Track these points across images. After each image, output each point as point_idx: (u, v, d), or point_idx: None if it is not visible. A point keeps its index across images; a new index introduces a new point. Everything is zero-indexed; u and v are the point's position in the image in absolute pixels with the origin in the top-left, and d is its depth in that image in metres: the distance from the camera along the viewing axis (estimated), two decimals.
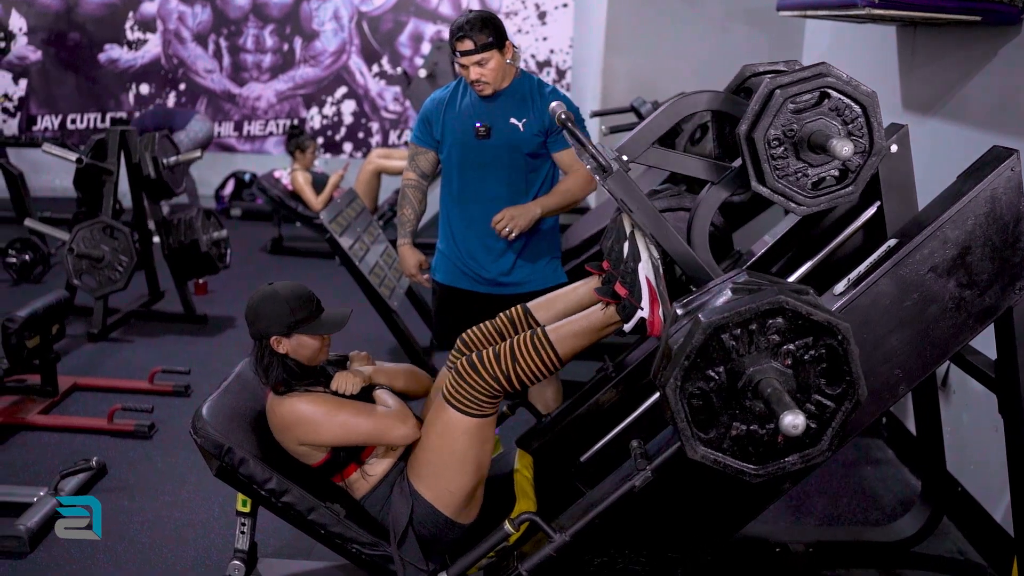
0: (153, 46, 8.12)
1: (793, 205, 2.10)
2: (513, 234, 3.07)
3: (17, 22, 8.03)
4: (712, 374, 1.79)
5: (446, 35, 7.81)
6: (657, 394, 2.71)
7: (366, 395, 2.44)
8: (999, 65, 3.04)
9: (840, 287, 2.21)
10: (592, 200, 5.57)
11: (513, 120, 3.11)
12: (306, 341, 2.33)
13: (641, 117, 4.54)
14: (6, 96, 8.02)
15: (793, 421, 1.63)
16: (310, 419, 2.29)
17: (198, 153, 5.05)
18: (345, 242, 4.03)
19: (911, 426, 3.55)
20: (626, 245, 2.44)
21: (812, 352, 1.79)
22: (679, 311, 1.95)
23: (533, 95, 3.13)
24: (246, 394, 2.51)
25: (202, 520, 3.01)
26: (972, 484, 3.11)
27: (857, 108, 2.05)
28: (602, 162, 2.12)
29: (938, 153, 3.30)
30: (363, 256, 4.17)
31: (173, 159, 4.90)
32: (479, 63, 2.99)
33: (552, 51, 7.96)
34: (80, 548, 2.83)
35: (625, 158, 2.24)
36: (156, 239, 5.22)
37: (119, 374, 4.25)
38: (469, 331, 2.58)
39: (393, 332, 4.27)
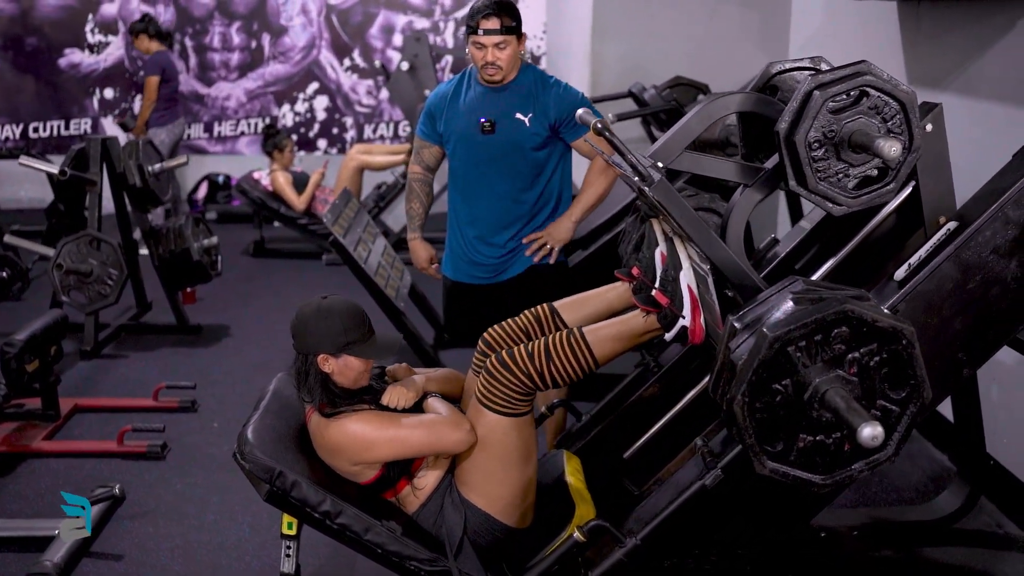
0: (115, 49, 7.88)
1: (833, 207, 2.09)
2: (555, 251, 3.13)
3: None
4: (778, 387, 1.78)
5: (418, 26, 7.68)
6: (700, 385, 2.68)
7: (417, 406, 2.37)
8: (1018, 38, 3.02)
9: (901, 273, 2.17)
10: None
11: (519, 115, 3.05)
12: (353, 363, 2.25)
13: (640, 103, 4.48)
14: None
15: (872, 433, 1.61)
16: (362, 439, 2.21)
17: (184, 159, 4.91)
18: (349, 244, 3.92)
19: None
20: (658, 252, 2.39)
21: (876, 358, 1.78)
22: (736, 324, 1.92)
23: (537, 89, 3.06)
24: (287, 412, 2.42)
25: (234, 543, 2.90)
26: (1006, 457, 3.11)
27: (896, 105, 2.03)
28: (642, 171, 2.06)
29: (952, 131, 3.27)
30: (367, 258, 4.06)
31: (158, 166, 4.74)
32: (499, 46, 2.94)
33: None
34: None
35: (660, 164, 2.19)
36: (143, 250, 5.05)
37: (119, 392, 4.12)
38: (492, 330, 2.51)
39: (398, 328, 4.16)
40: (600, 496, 2.58)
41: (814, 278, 2.45)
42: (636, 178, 2.10)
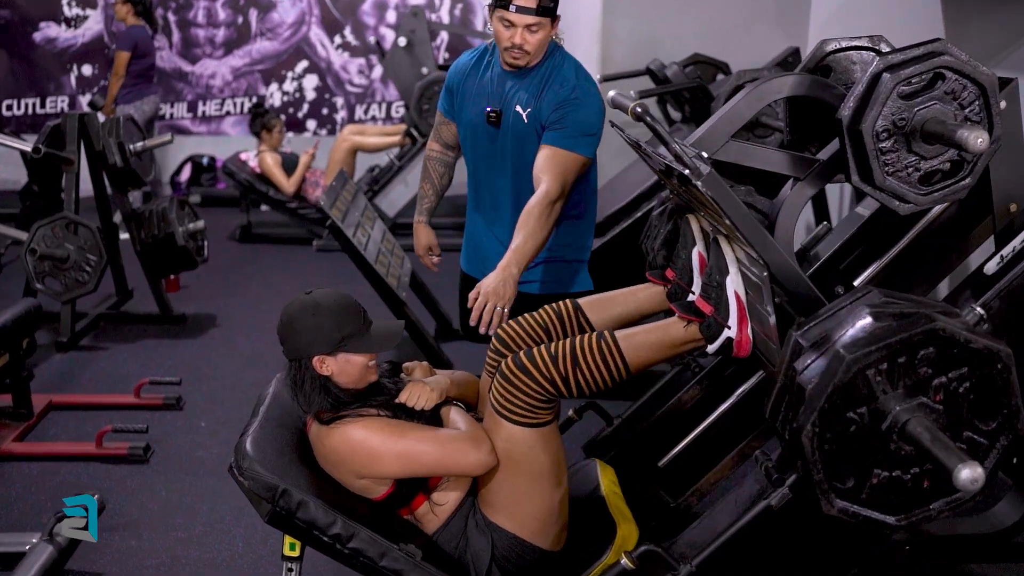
0: (94, 23, 7.51)
1: (901, 204, 1.86)
2: (505, 314, 2.29)
3: None
4: (853, 416, 1.57)
5: (413, 1, 7.35)
6: (744, 388, 2.43)
7: (435, 413, 2.09)
8: None
9: (992, 267, 1.93)
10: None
11: (518, 108, 2.65)
12: (354, 360, 1.99)
13: (658, 80, 4.20)
14: None
15: (971, 476, 1.40)
16: (367, 449, 1.96)
17: (168, 137, 4.59)
18: (348, 229, 3.63)
19: None
20: (695, 253, 2.13)
21: (966, 384, 1.57)
22: (802, 342, 1.68)
23: (548, 82, 2.64)
24: (289, 421, 2.15)
25: (226, 560, 2.62)
26: None
27: (975, 90, 1.80)
28: (688, 162, 1.80)
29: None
30: (366, 244, 3.78)
31: (140, 145, 4.43)
32: (530, 28, 2.52)
33: None
34: None
35: (705, 155, 1.93)
36: (124, 235, 4.74)
37: (98, 387, 3.81)
38: (508, 326, 2.24)
39: (398, 318, 3.88)
40: (631, 507, 2.33)
41: (864, 276, 2.22)
42: (680, 169, 1.83)
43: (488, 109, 2.70)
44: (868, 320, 1.60)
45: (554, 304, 2.27)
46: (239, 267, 5.68)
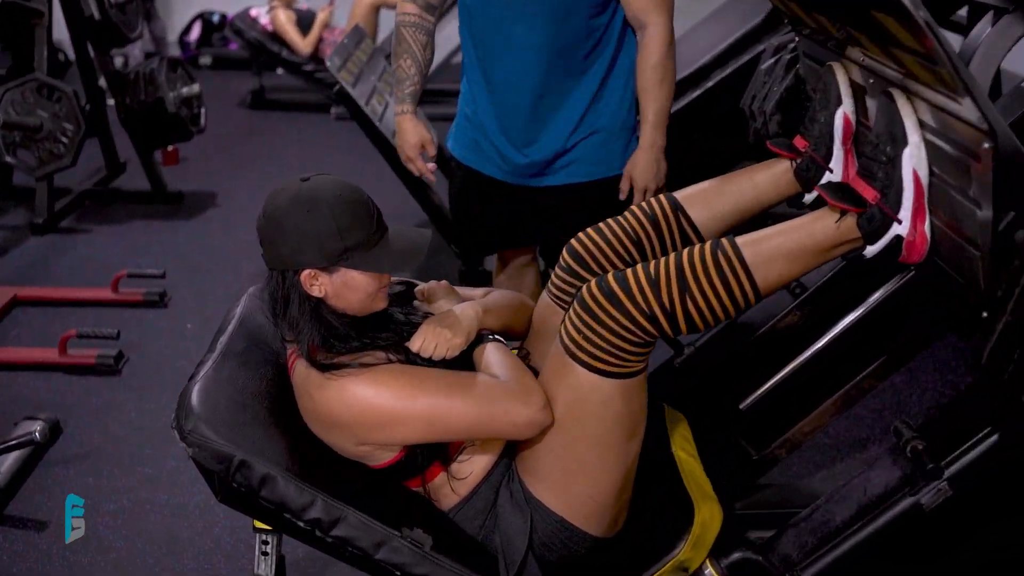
0: None
1: None
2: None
3: None
4: None
5: None
6: (857, 313, 1.85)
7: (467, 355, 1.54)
8: None
9: None
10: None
11: None
12: (357, 281, 1.44)
13: None
14: None
15: None
16: (375, 412, 1.42)
17: None
18: (360, 95, 3.03)
19: None
20: (840, 114, 1.55)
21: None
22: None
23: None
24: (258, 355, 1.60)
25: (199, 507, 2.14)
26: None
27: None
28: None
29: None
30: (382, 113, 3.18)
31: None
32: None
33: None
34: (24, 556, 1.99)
35: None
36: (111, 100, 4.16)
37: (75, 279, 3.31)
38: (584, 237, 1.67)
39: (424, 207, 3.30)
40: (705, 462, 1.80)
41: None
42: None
43: None
44: None
45: (644, 204, 1.70)
46: (247, 138, 5.11)
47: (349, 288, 1.44)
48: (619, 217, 1.69)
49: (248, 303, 1.71)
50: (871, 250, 1.42)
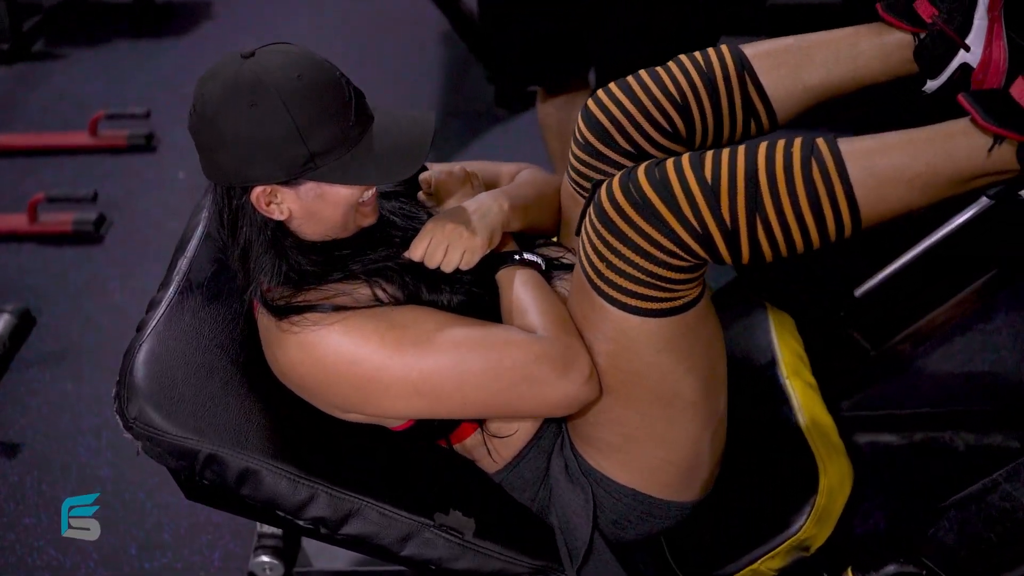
0: None
1: None
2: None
3: None
4: None
5: None
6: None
7: (485, 273, 1.14)
8: None
9: None
10: None
11: None
12: (332, 195, 1.03)
13: None
14: None
15: None
16: (352, 378, 1.05)
17: None
18: None
19: None
20: None
21: None
22: None
23: None
24: (230, 284, 1.18)
25: None
26: None
27: None
28: None
29: None
30: None
31: None
32: None
33: None
34: None
35: None
36: None
37: (46, 122, 2.87)
38: (607, 94, 1.19)
39: (447, 12, 2.74)
40: (813, 357, 1.44)
41: None
42: None
43: None
44: None
45: (699, 53, 1.20)
46: None
47: (324, 202, 1.03)
48: (658, 68, 1.20)
49: (207, 226, 1.27)
50: (931, 85, 1.08)
